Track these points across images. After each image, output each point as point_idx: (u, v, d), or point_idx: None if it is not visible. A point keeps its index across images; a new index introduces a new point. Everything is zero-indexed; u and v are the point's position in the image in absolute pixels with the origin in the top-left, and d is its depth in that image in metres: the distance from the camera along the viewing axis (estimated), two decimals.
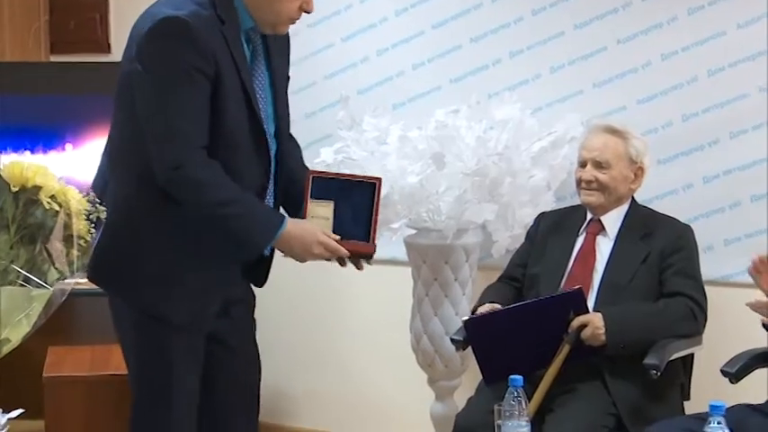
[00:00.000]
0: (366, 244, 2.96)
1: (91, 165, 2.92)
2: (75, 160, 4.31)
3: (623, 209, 3.63)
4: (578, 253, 3.62)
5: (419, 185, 3.86)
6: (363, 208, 2.97)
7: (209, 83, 2.72)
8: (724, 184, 3.93)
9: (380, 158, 3.94)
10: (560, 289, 3.54)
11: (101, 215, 2.44)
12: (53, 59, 4.99)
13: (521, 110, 4.04)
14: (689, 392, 3.57)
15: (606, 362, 3.36)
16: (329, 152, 3.98)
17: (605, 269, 3.54)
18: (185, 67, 2.69)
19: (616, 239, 3.58)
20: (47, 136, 4.37)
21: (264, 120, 2.87)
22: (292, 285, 4.33)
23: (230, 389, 3.03)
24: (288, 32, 2.96)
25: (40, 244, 2.37)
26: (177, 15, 2.69)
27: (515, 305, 3.48)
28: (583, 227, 3.66)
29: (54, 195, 2.43)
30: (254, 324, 3.13)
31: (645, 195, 3.81)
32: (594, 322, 3.30)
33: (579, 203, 3.69)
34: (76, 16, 4.97)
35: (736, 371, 3.17)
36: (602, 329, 3.30)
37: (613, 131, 3.62)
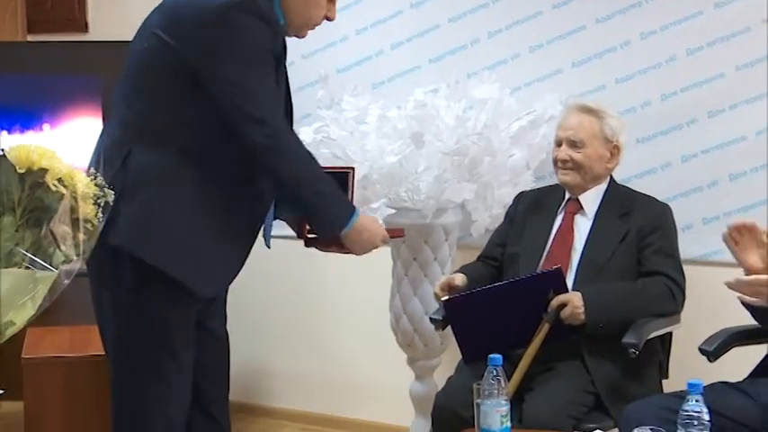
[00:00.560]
0: (396, 228, 3.24)
1: (68, 144, 2.89)
2: (52, 140, 4.27)
3: (601, 188, 3.64)
4: (557, 232, 3.62)
5: (398, 165, 3.85)
6: None
7: (274, 66, 2.80)
8: (702, 163, 3.94)
9: (360, 138, 3.93)
10: (539, 268, 3.54)
11: (108, 199, 2.42)
12: (30, 39, 4.96)
13: (500, 89, 4.03)
14: (667, 371, 3.58)
15: (585, 341, 3.36)
16: (308, 131, 3.97)
17: (584, 248, 3.54)
18: (263, 48, 2.76)
19: (594, 218, 3.59)
20: (24, 116, 4.34)
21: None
22: (270, 265, 4.32)
23: (208, 371, 3.02)
24: None
25: (46, 227, 2.35)
26: None
27: (495, 285, 3.47)
28: (561, 206, 3.67)
29: (61, 178, 2.41)
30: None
31: (624, 174, 3.81)
32: (574, 301, 3.31)
33: (558, 183, 3.69)
34: None
35: (714, 349, 3.18)
36: (581, 309, 3.31)
37: (588, 111, 3.62)
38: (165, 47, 2.75)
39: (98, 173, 2.43)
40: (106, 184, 2.42)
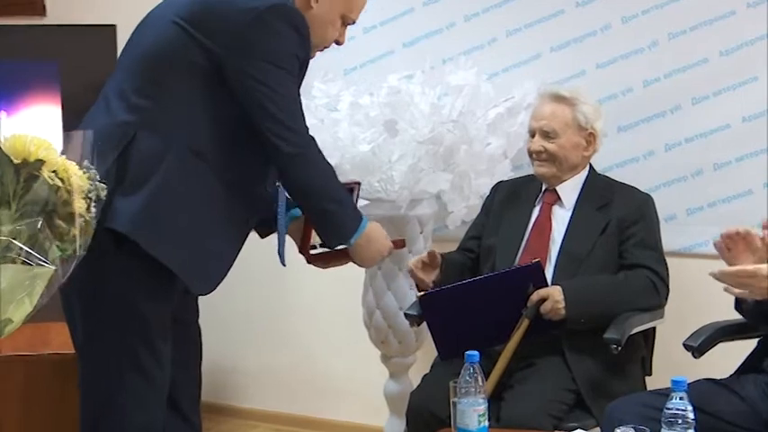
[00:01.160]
0: (398, 239, 3.23)
1: (26, 133, 2.85)
2: (10, 128, 4.22)
3: (580, 178, 3.63)
4: (534, 224, 3.61)
5: (371, 154, 3.84)
6: None
7: (299, 76, 2.90)
8: (686, 152, 3.94)
9: (331, 126, 3.92)
10: (516, 261, 3.54)
11: (101, 193, 2.41)
12: None
13: (476, 75, 4.02)
14: (651, 367, 3.58)
15: (566, 336, 3.36)
16: None
17: (563, 240, 3.53)
18: (293, 56, 2.83)
19: (573, 209, 3.58)
20: None
21: None
22: (240, 259, 4.29)
23: (181, 366, 3.01)
24: None
25: (42, 221, 2.33)
26: (287, 4, 2.81)
27: (472, 279, 3.47)
28: (538, 197, 3.66)
29: (56, 171, 2.39)
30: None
31: (605, 163, 3.81)
32: (554, 296, 3.30)
33: None
34: None
35: (699, 345, 3.17)
36: (561, 303, 3.30)
37: (560, 99, 3.60)
38: (189, 38, 2.79)
39: (92, 166, 2.41)
40: (99, 175, 2.41)
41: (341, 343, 4.68)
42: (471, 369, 2.70)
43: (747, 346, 3.14)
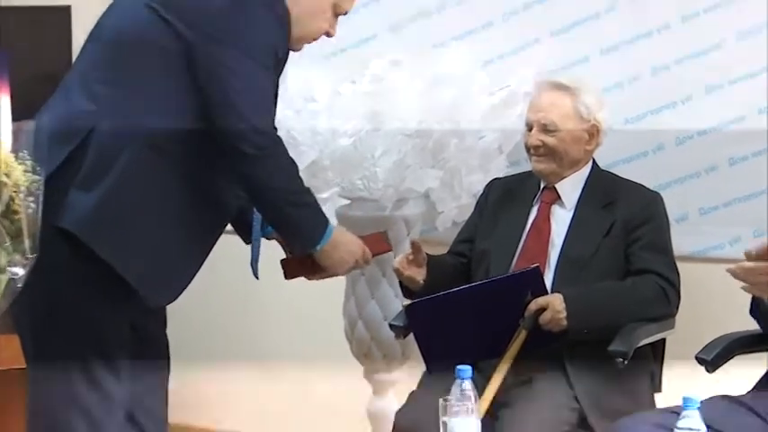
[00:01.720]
0: (377, 238, 3.30)
1: None
2: None
3: (582, 174, 3.64)
4: (531, 225, 3.62)
5: (352, 148, 3.85)
6: None
7: (275, 72, 2.93)
8: (699, 146, 3.94)
9: (307, 118, 3.92)
10: (512, 266, 3.54)
11: (39, 186, 2.42)
12: None
13: (469, 62, 4.04)
14: (660, 383, 3.59)
15: (567, 349, 3.37)
16: None
17: (563, 243, 3.54)
18: (272, 48, 2.87)
19: (575, 209, 3.59)
20: None
21: None
22: (207, 265, 4.29)
23: (145, 382, 3.03)
24: None
25: None
26: None
27: (464, 287, 3.47)
28: (536, 196, 3.67)
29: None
30: None
31: (609, 159, 3.82)
32: (554, 305, 3.31)
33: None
34: None
35: (713, 358, 3.19)
36: (562, 313, 3.30)
37: (559, 87, 3.60)
38: (162, 23, 2.80)
39: (29, 157, 2.41)
40: (48, 169, 2.42)
41: (319, 357, 4.67)
42: (463, 385, 2.71)
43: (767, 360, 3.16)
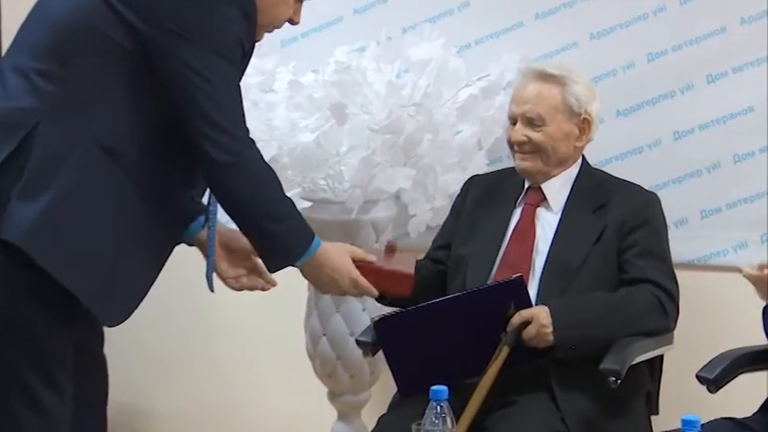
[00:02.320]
0: (407, 284, 3.25)
1: None
2: None
3: (571, 173, 3.65)
4: (514, 229, 3.63)
5: (315, 145, 3.85)
6: None
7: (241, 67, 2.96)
8: (700, 141, 3.97)
9: (265, 110, 3.93)
10: (493, 275, 3.55)
11: None
12: None
13: (444, 47, 4.04)
14: (657, 405, 3.61)
15: (554, 367, 3.37)
16: None
17: (550, 249, 3.55)
18: (238, 43, 2.88)
19: (562, 212, 3.60)
20: None
21: None
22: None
23: (85, 404, 3.03)
24: None
25: None
26: None
27: (438, 300, 3.46)
28: (520, 197, 3.68)
29: None
30: None
31: (601, 156, 3.84)
32: (539, 318, 3.31)
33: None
34: None
35: (715, 377, 3.20)
36: (549, 327, 3.31)
37: (547, 77, 3.61)
38: (109, 11, 2.79)
39: None
40: None
41: (278, 377, 4.68)
42: (438, 408, 2.71)
43: None
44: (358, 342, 3.69)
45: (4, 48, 3.21)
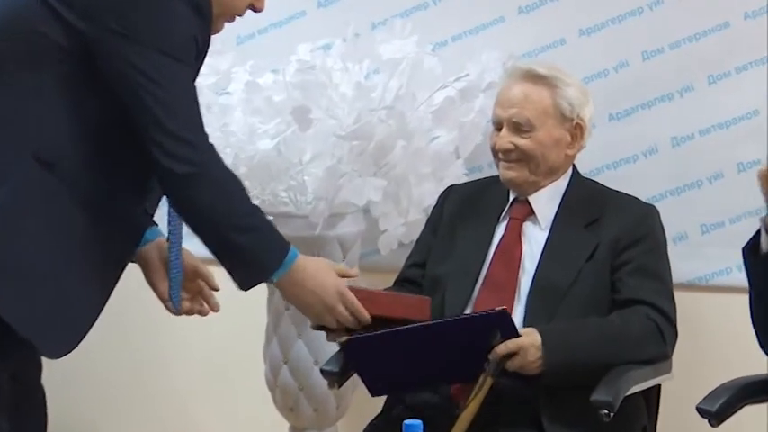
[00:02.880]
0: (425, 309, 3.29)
1: None
2: None
3: (560, 184, 3.65)
4: (498, 246, 3.63)
5: (275, 153, 3.86)
6: None
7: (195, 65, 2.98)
8: (700, 149, 3.99)
9: (220, 115, 3.93)
10: (474, 295, 3.55)
11: None
12: None
13: (417, 45, 4.05)
14: None
15: (542, 398, 3.37)
16: None
17: (537, 269, 3.54)
18: (191, 41, 2.89)
19: (551, 227, 3.60)
20: None
21: None
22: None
23: None
24: None
25: None
26: None
27: (414, 325, 3.43)
28: (505, 210, 3.68)
29: None
30: None
31: (591, 164, 3.85)
32: (528, 352, 3.25)
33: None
34: None
35: (717, 409, 3.20)
36: (537, 363, 3.29)
37: (536, 78, 3.60)
38: (44, 9, 2.79)
39: None
40: None
41: (235, 410, 4.67)
42: None
43: None
44: (323, 371, 3.64)
45: None
